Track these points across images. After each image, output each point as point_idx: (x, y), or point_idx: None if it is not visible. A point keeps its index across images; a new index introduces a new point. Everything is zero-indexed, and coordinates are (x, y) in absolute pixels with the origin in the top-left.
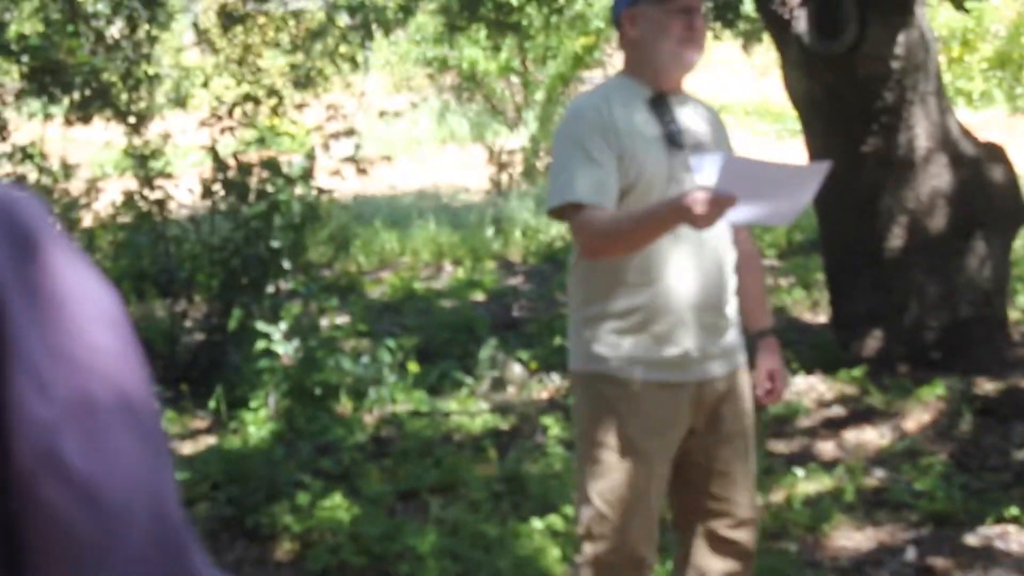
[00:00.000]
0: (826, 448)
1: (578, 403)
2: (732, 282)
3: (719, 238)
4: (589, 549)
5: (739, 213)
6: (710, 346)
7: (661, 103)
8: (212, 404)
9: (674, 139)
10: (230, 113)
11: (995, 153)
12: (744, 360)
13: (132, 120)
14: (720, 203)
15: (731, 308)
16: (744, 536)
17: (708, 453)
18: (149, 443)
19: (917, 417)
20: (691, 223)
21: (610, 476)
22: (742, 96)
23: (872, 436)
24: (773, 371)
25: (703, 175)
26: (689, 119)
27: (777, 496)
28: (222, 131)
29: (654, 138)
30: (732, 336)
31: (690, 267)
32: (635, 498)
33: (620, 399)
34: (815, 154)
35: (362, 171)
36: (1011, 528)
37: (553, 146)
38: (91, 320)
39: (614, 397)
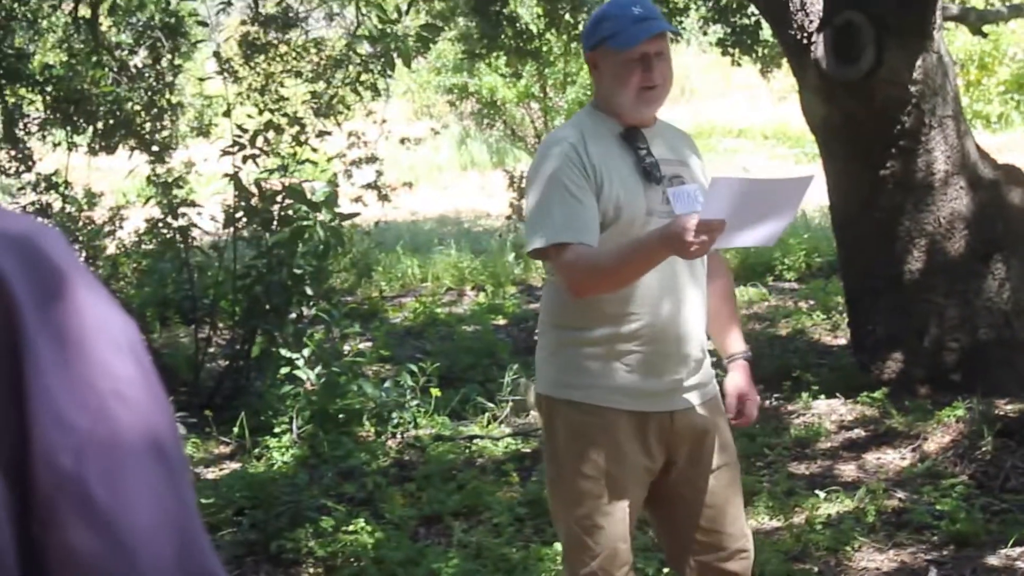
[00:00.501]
0: (847, 470)
1: (548, 428)
2: (704, 311)
3: (695, 267)
4: (568, 573)
5: (727, 237)
6: (683, 377)
7: (633, 137)
8: (236, 430)
9: (649, 173)
10: (252, 141)
11: (1014, 176)
12: (716, 390)
13: (155, 149)
14: (710, 229)
15: (703, 339)
16: (739, 566)
17: (694, 486)
18: (171, 473)
19: (938, 439)
20: (681, 252)
21: (584, 503)
22: (761, 120)
23: (893, 458)
24: (743, 394)
25: (681, 207)
26: (663, 150)
27: (799, 518)
28: (244, 159)
29: (629, 173)
30: (706, 367)
31: (666, 297)
32: (610, 525)
33: (592, 427)
34: (834, 178)
35: (384, 197)
36: None
37: (529, 185)
38: (112, 351)
39: (586, 424)
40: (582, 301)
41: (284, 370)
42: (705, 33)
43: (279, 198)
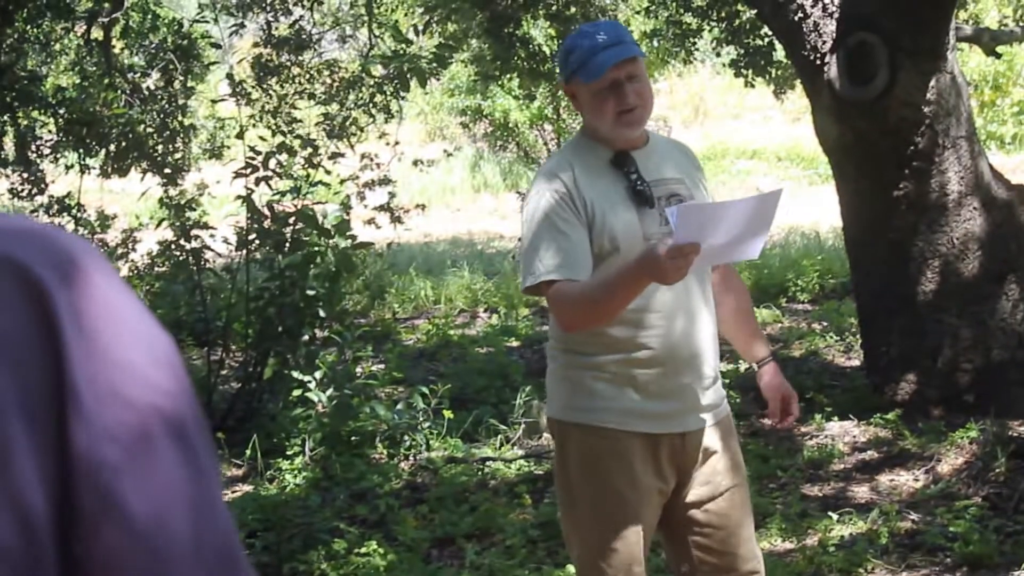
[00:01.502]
0: (860, 492)
1: (560, 452)
2: (714, 332)
3: (701, 287)
4: None
5: (707, 257)
6: (692, 398)
7: (623, 162)
8: (248, 452)
9: (642, 197)
10: (265, 163)
11: None
12: (728, 410)
13: (168, 171)
14: (683, 252)
15: (714, 359)
16: None
17: (705, 507)
18: (210, 487)
19: (951, 460)
20: (659, 278)
21: (598, 527)
22: (774, 141)
23: (906, 479)
24: (781, 392)
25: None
26: (657, 169)
27: (812, 540)
28: (257, 181)
29: (621, 199)
30: (716, 387)
31: (674, 319)
32: (624, 548)
33: (603, 450)
34: (847, 199)
35: (396, 219)
36: None
37: (523, 221)
38: (152, 365)
39: (598, 448)
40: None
41: (296, 392)
42: (718, 54)
43: (291, 220)
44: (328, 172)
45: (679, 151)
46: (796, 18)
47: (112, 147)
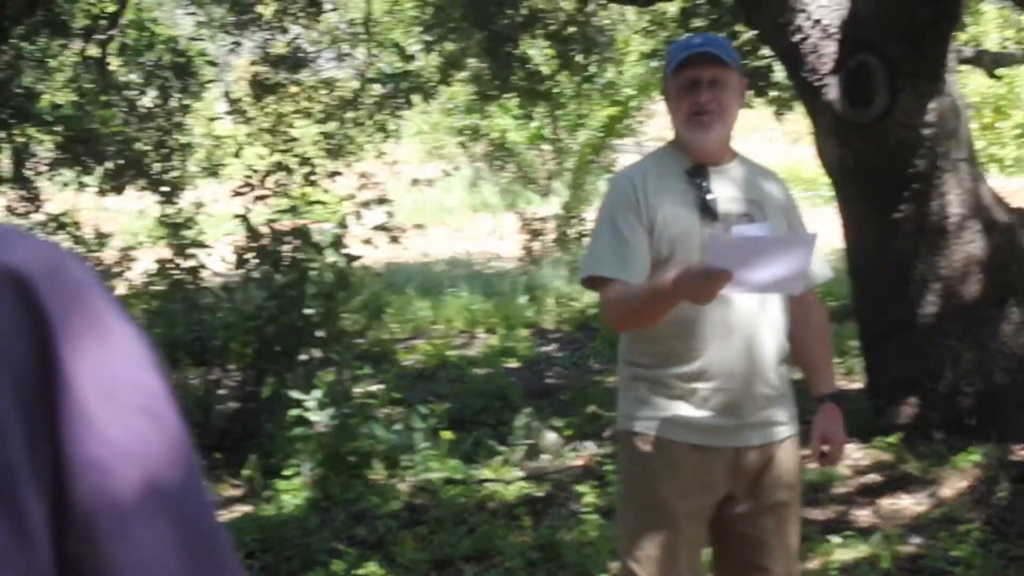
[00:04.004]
0: (862, 515)
1: (619, 460)
2: (778, 351)
3: (768, 305)
4: None
5: (745, 285)
6: (749, 415)
7: (699, 174)
8: (246, 472)
9: (708, 210)
10: (263, 182)
11: None
12: (792, 431)
13: (165, 189)
14: (711, 276)
15: (776, 377)
16: None
17: (749, 521)
18: (198, 486)
19: (953, 484)
20: (688, 297)
21: (642, 536)
22: (775, 162)
23: (908, 503)
24: (826, 436)
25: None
26: (732, 188)
27: (814, 563)
28: (255, 200)
29: (688, 209)
30: (777, 405)
31: (733, 335)
32: (665, 559)
33: (654, 459)
34: (848, 221)
35: (394, 239)
36: None
37: (596, 216)
38: (140, 368)
39: (649, 457)
40: (647, 335)
41: (294, 412)
42: None
43: (288, 239)
44: (326, 191)
45: (768, 178)
46: (796, 39)
47: (109, 165)
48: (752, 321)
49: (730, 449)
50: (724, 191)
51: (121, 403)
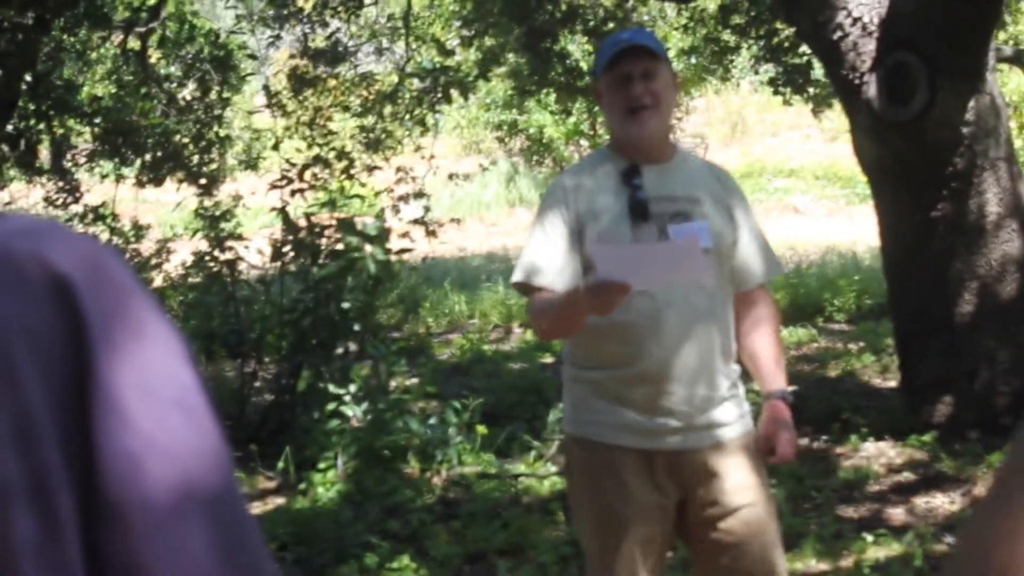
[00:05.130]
0: (896, 513)
1: (566, 464)
2: (722, 351)
3: (710, 303)
4: None
5: (642, 287)
6: (690, 417)
7: (632, 174)
8: (281, 465)
9: (639, 211)
10: (300, 175)
11: None
12: (742, 430)
13: (203, 181)
14: (606, 289)
15: (722, 378)
16: None
17: (713, 527)
18: (229, 479)
19: (987, 483)
20: (593, 310)
21: (596, 538)
22: (812, 160)
23: (942, 502)
24: (770, 434)
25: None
26: (667, 186)
27: (846, 561)
28: (292, 193)
29: (620, 211)
30: (722, 406)
31: (672, 336)
32: (619, 561)
33: (598, 464)
34: (884, 219)
35: (431, 233)
36: None
37: None
38: (173, 361)
39: (593, 462)
40: (587, 338)
41: (330, 406)
42: (757, 72)
43: (327, 232)
44: (363, 185)
45: (710, 174)
46: (835, 37)
47: (148, 157)
48: (693, 321)
49: (672, 452)
50: (659, 190)
51: (154, 396)
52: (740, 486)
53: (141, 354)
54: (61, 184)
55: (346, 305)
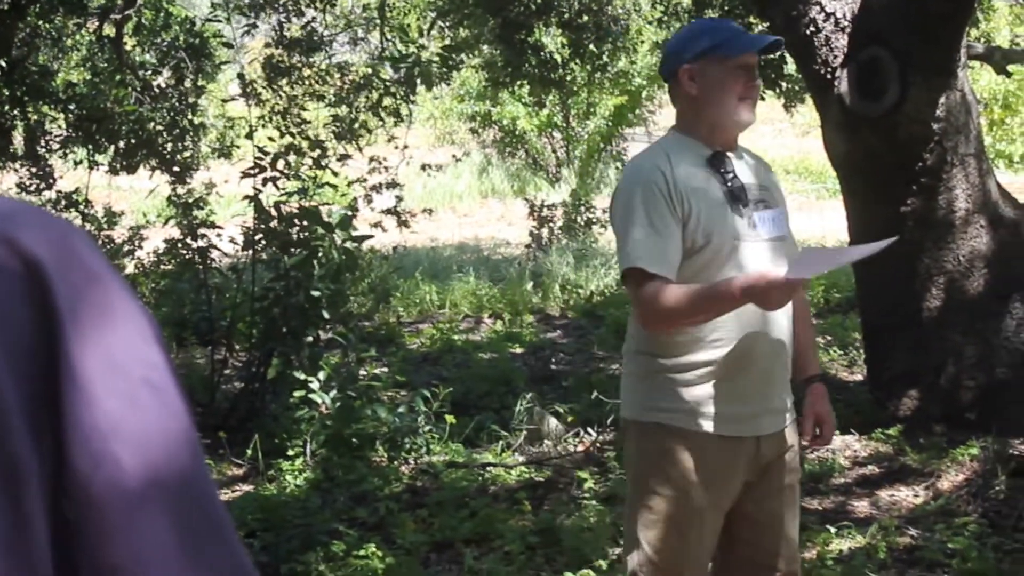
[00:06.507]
0: (860, 506)
1: (633, 451)
2: (791, 336)
3: None
4: None
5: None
6: (771, 401)
7: (719, 161)
8: (249, 452)
9: (737, 197)
10: (273, 164)
11: None
12: (795, 415)
13: (177, 169)
14: (792, 289)
15: (790, 364)
16: None
17: (757, 504)
18: (197, 458)
19: (951, 477)
20: (763, 305)
21: (662, 524)
22: (784, 155)
23: (906, 495)
24: (821, 416)
25: (767, 232)
26: (747, 175)
27: (810, 553)
28: (265, 181)
29: (717, 198)
30: (788, 390)
31: (753, 322)
32: (685, 548)
33: (681, 450)
34: (854, 214)
35: (403, 223)
36: None
37: (616, 208)
38: (142, 340)
39: (674, 448)
40: (682, 330)
41: (299, 393)
42: None
43: (297, 220)
44: (336, 174)
45: (762, 164)
46: (808, 32)
47: (121, 144)
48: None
49: (752, 438)
50: (744, 178)
51: (123, 375)
52: (790, 468)
53: (111, 335)
54: (35, 170)
55: (316, 293)
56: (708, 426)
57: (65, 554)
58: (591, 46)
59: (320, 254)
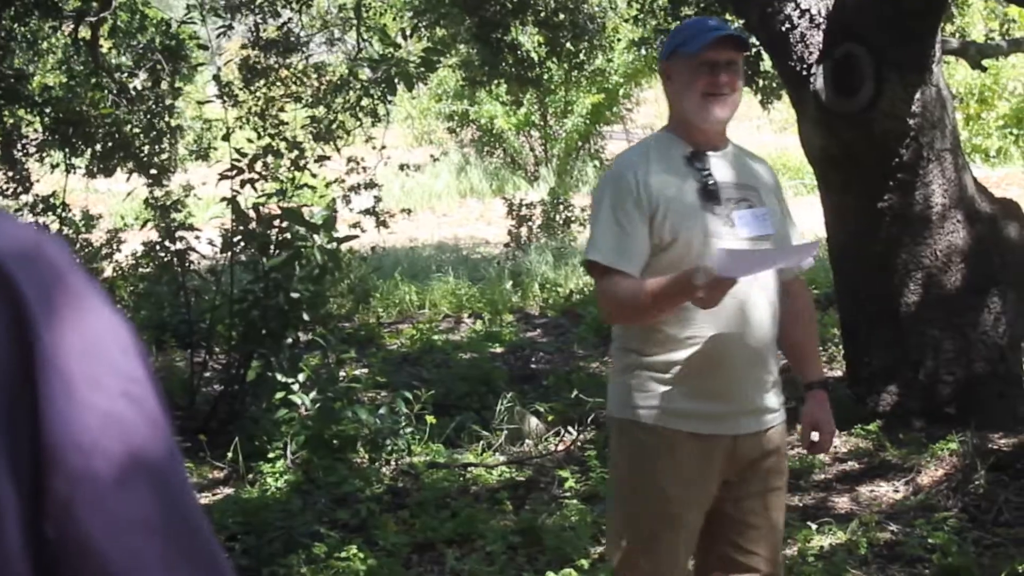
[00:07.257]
0: (840, 502)
1: (614, 447)
2: (774, 336)
3: (767, 292)
4: None
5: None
6: (749, 401)
7: (698, 159)
8: (230, 454)
9: (710, 195)
10: (251, 166)
11: (1011, 210)
12: (783, 417)
13: (154, 171)
14: (721, 287)
15: (773, 365)
16: None
17: (738, 504)
18: (178, 470)
19: (931, 472)
20: (695, 303)
21: (641, 523)
22: (761, 151)
23: (886, 490)
24: (817, 423)
25: (748, 231)
26: (730, 173)
27: (791, 550)
28: (243, 183)
29: (690, 195)
30: (774, 392)
31: (734, 322)
32: (664, 546)
33: (655, 448)
34: (831, 210)
35: (382, 223)
36: None
37: (592, 200)
38: (120, 352)
39: (649, 446)
40: (645, 325)
41: (279, 395)
42: None
43: (277, 222)
44: (314, 175)
45: (758, 164)
46: (783, 28)
47: (98, 147)
48: (750, 305)
49: (729, 437)
50: (722, 176)
51: (102, 388)
52: (774, 470)
53: (86, 344)
54: (11, 174)
55: (295, 295)
56: (681, 424)
57: (48, 573)
58: (568, 44)
59: (302, 256)
